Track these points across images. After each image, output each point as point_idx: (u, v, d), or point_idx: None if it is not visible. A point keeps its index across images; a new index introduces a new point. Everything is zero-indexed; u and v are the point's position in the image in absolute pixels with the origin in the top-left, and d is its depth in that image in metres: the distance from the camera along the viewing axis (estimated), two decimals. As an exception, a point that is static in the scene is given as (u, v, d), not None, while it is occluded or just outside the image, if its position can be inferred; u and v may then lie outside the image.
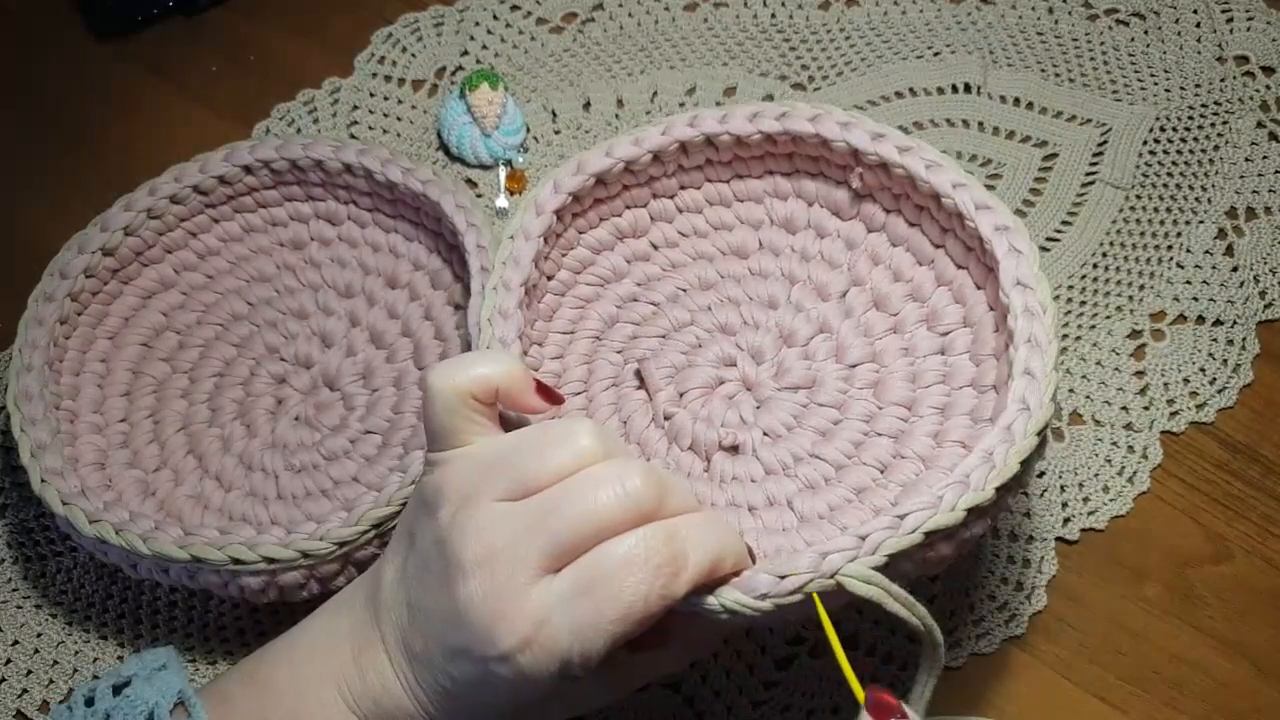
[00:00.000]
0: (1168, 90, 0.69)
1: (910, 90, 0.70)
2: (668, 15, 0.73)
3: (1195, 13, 0.71)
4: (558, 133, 0.70)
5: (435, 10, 0.74)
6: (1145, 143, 0.67)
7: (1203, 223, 0.65)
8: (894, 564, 0.42)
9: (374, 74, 0.72)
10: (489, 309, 0.50)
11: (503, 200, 0.68)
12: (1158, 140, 0.67)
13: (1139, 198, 0.66)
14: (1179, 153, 0.67)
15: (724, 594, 0.41)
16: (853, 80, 0.70)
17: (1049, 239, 0.65)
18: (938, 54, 0.71)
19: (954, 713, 0.54)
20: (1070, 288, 0.64)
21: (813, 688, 0.55)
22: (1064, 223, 0.65)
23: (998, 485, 0.43)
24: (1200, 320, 0.63)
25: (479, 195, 0.68)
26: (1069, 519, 0.58)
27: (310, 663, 0.44)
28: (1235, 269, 0.64)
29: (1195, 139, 0.67)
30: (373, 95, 0.71)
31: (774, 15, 0.73)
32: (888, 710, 0.38)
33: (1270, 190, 0.66)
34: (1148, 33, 0.71)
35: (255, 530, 0.53)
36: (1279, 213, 0.65)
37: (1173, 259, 0.64)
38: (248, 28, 0.75)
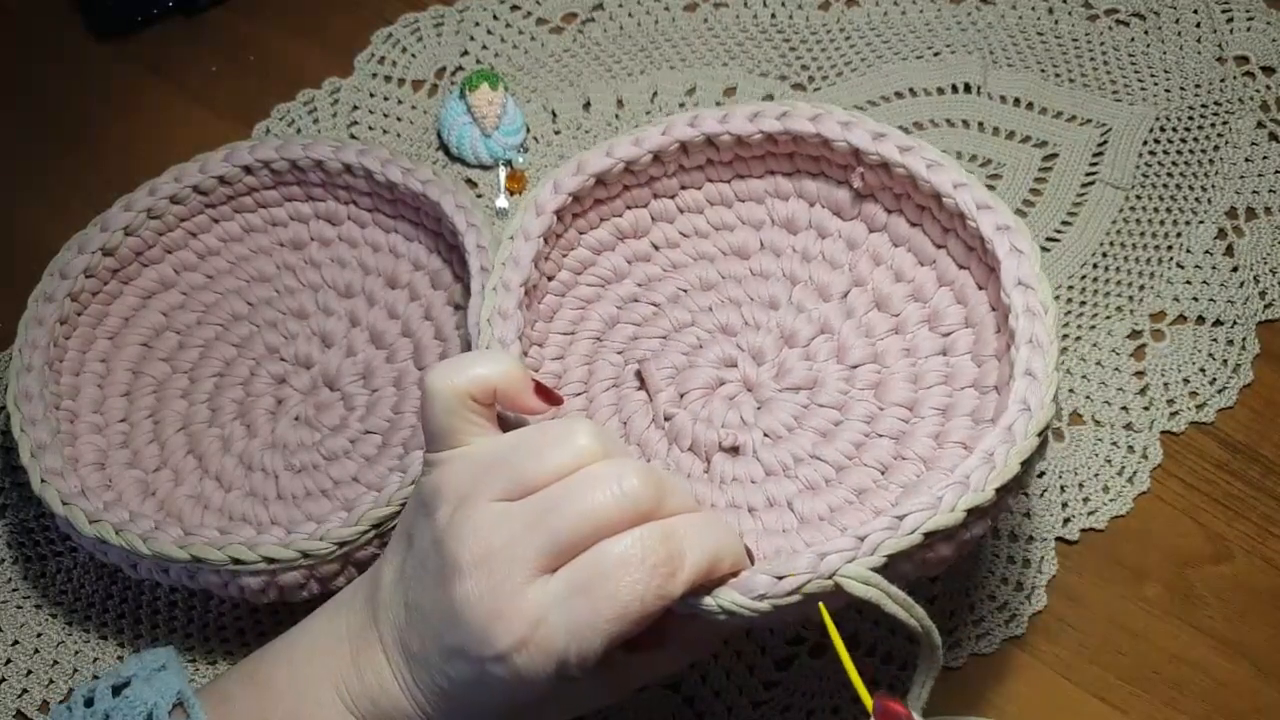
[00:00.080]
0: (1168, 90, 0.69)
1: (910, 90, 0.70)
2: (668, 15, 0.73)
3: (1195, 13, 0.71)
4: (558, 133, 0.70)
5: (435, 10, 0.74)
6: (1145, 143, 0.67)
7: (1203, 223, 0.65)
8: (893, 565, 0.42)
9: (374, 74, 0.72)
10: (489, 309, 0.50)
11: (503, 200, 0.68)
12: (1158, 140, 0.67)
13: (1139, 198, 0.66)
14: (1179, 153, 0.67)
15: (721, 595, 0.41)
16: (853, 80, 0.70)
17: (1049, 239, 0.65)
18: (938, 54, 0.71)
19: (954, 713, 0.54)
20: (1070, 288, 0.64)
21: (813, 688, 0.55)
22: (1064, 223, 0.65)
23: (998, 486, 0.43)
24: (1200, 320, 0.63)
25: (479, 195, 0.68)
26: (1069, 519, 0.58)
27: (309, 663, 0.44)
28: (1235, 269, 0.64)
29: (1195, 139, 0.67)
30: (373, 95, 0.71)
31: (774, 15, 0.73)
32: (895, 719, 0.38)
33: (1270, 190, 0.66)
34: (1148, 33, 0.71)
35: (255, 530, 0.53)
36: (1279, 213, 0.65)
37: (1173, 259, 0.64)
38: (248, 28, 0.75)
